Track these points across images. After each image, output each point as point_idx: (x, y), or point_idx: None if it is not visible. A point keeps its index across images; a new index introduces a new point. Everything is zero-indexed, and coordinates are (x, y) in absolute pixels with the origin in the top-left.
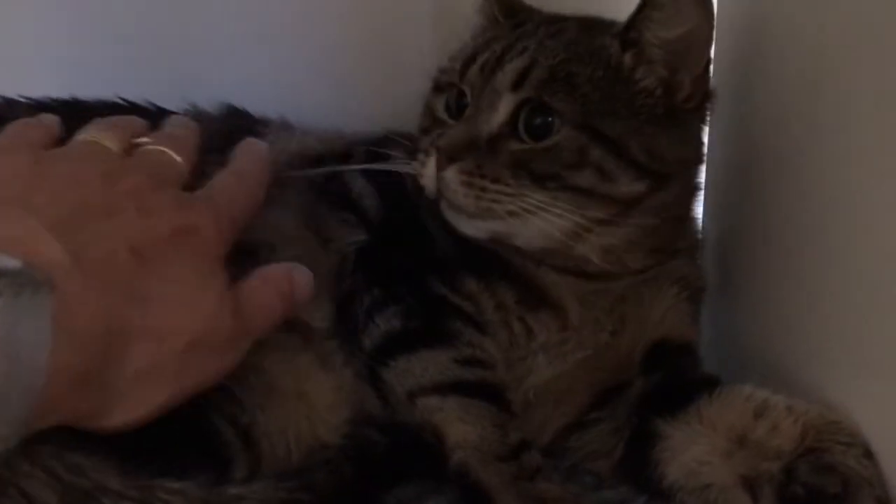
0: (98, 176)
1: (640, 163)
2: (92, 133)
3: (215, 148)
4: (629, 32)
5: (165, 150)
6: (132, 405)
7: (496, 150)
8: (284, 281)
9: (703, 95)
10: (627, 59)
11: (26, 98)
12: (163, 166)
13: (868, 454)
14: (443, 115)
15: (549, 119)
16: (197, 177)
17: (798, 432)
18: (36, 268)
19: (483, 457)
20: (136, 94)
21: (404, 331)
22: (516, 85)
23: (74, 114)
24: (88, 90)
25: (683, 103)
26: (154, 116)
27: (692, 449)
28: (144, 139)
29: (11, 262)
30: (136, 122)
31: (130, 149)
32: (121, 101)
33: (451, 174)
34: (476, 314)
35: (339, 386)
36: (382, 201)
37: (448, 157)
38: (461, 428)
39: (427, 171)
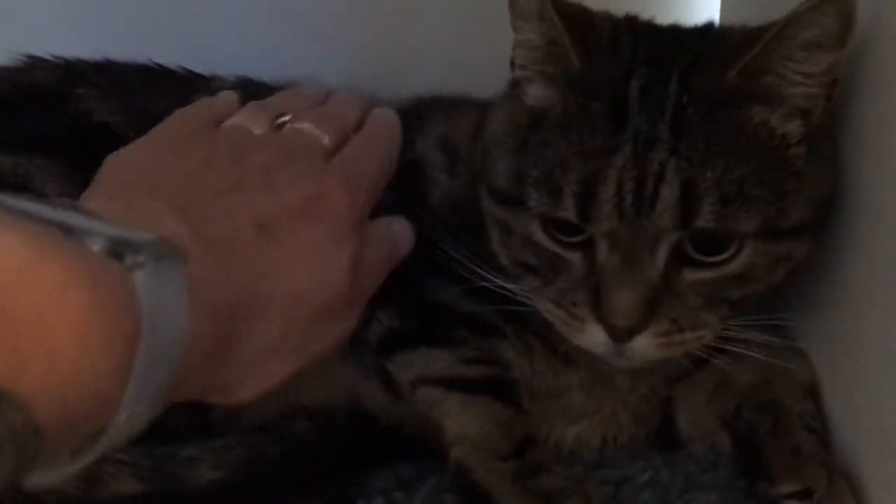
0: (228, 155)
1: (809, 224)
2: (242, 117)
3: None
4: (762, 78)
5: (309, 126)
6: (259, 378)
7: (676, 290)
8: (390, 241)
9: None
10: (775, 119)
11: (55, 57)
12: (301, 141)
13: (808, 393)
14: (551, 245)
15: (728, 234)
16: None
17: (756, 370)
18: (169, 241)
19: (482, 455)
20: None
21: (404, 330)
22: (681, 224)
23: (108, 77)
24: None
25: (818, 127)
26: (186, 81)
27: (690, 395)
28: (286, 117)
29: (147, 237)
30: (296, 99)
31: (275, 128)
32: (153, 66)
33: (644, 344)
34: (488, 319)
35: (327, 371)
36: (397, 199)
37: (630, 330)
38: (460, 423)
39: (590, 339)
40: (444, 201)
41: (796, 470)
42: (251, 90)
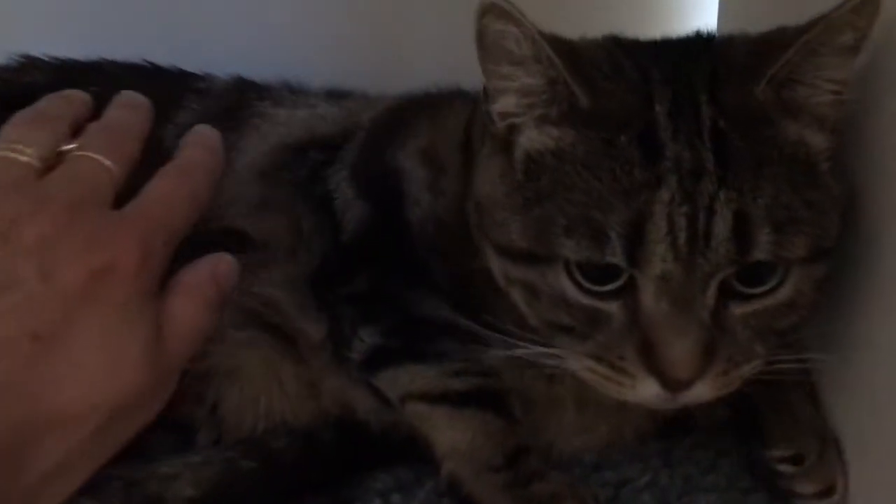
0: None
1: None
2: (11, 138)
3: (224, 126)
4: (795, 88)
5: (94, 156)
6: (57, 491)
7: (726, 327)
8: (209, 286)
9: None
10: (809, 134)
11: (50, 57)
12: (86, 182)
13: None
14: (585, 299)
15: (774, 264)
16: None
17: None
18: None
19: (474, 467)
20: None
21: (387, 348)
22: (737, 259)
23: (100, 77)
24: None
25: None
26: (179, 80)
27: None
28: (70, 146)
29: None
30: (68, 108)
31: (54, 159)
32: (147, 65)
33: (702, 389)
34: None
35: (312, 382)
36: (374, 214)
37: (690, 381)
38: (450, 436)
39: (642, 392)
40: (427, 221)
41: (791, 436)
42: (244, 90)
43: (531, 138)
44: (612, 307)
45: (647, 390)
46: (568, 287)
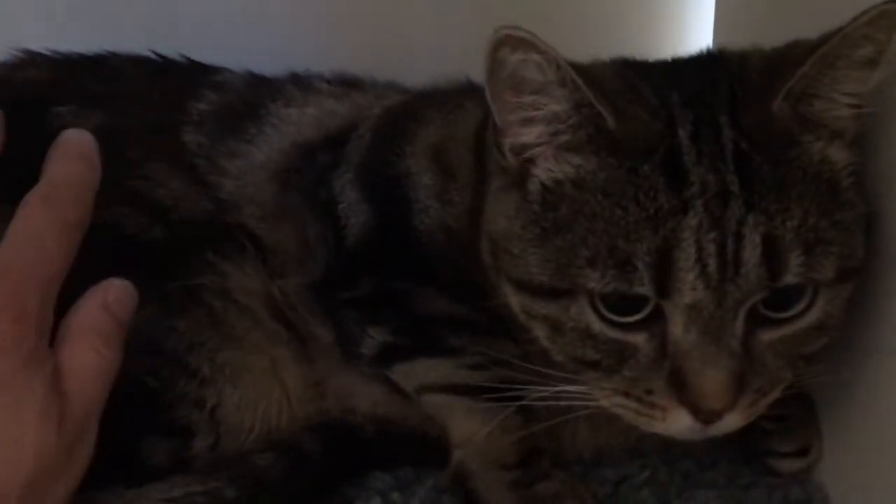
0: None
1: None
2: None
3: (237, 127)
4: (812, 103)
5: None
6: None
7: (755, 355)
8: (102, 320)
9: None
10: (832, 151)
11: (51, 51)
12: None
13: None
14: (611, 332)
15: (803, 286)
16: None
17: None
18: None
19: (485, 462)
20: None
21: (397, 345)
22: (768, 284)
23: (105, 73)
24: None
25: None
26: (191, 74)
27: None
28: None
29: None
30: None
31: None
32: (155, 57)
33: (734, 419)
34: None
35: (317, 382)
36: (376, 220)
37: (722, 411)
38: (467, 427)
39: (674, 425)
40: (436, 230)
41: (795, 432)
42: (257, 85)
43: (548, 168)
44: (639, 339)
45: (678, 422)
46: (593, 321)
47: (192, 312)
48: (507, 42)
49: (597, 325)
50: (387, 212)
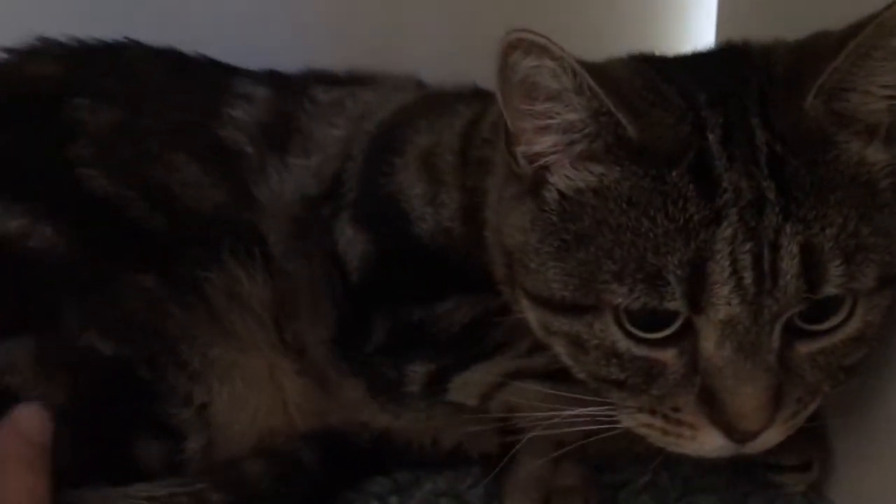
0: None
1: None
2: None
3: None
4: (844, 99)
5: None
6: None
7: (793, 368)
8: (23, 448)
9: None
10: (870, 151)
11: (68, 38)
12: None
13: None
14: (637, 349)
15: (841, 298)
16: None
17: None
18: None
19: (541, 448)
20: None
21: (441, 367)
22: (804, 299)
23: (121, 70)
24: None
25: None
26: (215, 77)
27: None
28: None
29: None
30: None
31: None
32: (176, 55)
33: (772, 436)
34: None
35: (313, 396)
36: (377, 245)
37: (758, 432)
38: (535, 413)
39: (706, 446)
40: (436, 233)
41: (798, 446)
42: (278, 83)
43: (567, 177)
44: (668, 356)
45: (710, 442)
46: (619, 338)
47: (191, 303)
48: (520, 46)
49: (623, 343)
50: (384, 231)
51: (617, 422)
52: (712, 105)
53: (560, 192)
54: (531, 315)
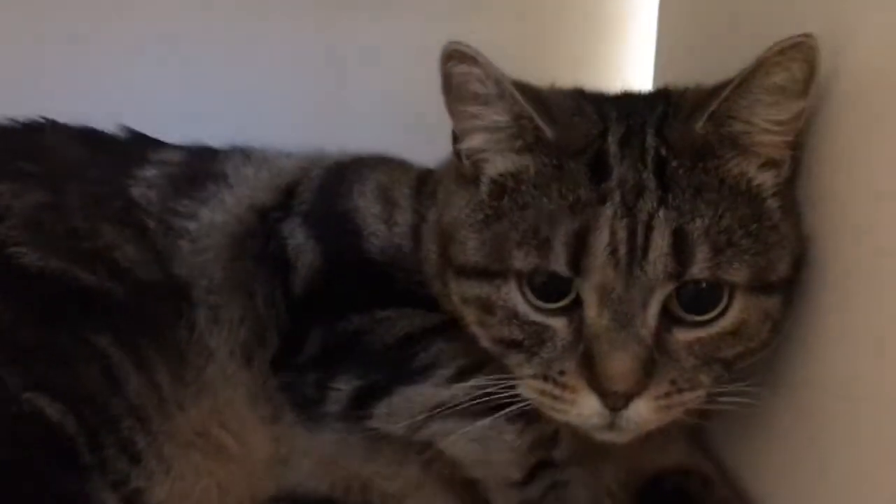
0: None
1: (792, 281)
2: None
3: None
4: (732, 125)
5: None
6: None
7: (670, 351)
8: None
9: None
10: (752, 170)
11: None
12: None
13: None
14: (534, 314)
15: (718, 288)
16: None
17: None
18: None
19: (495, 483)
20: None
21: (368, 385)
22: (675, 275)
23: (36, 151)
24: None
25: (788, 182)
26: (129, 150)
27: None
28: None
29: None
30: None
31: None
32: (92, 132)
33: (643, 408)
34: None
35: (279, 440)
36: (325, 256)
37: (628, 395)
38: (470, 449)
39: (585, 410)
40: (387, 248)
41: None
42: (199, 156)
43: (497, 164)
44: (559, 323)
45: (587, 407)
46: (519, 302)
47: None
48: (454, 55)
49: (522, 307)
50: (336, 244)
51: (517, 396)
52: (619, 119)
53: (490, 178)
54: (454, 288)
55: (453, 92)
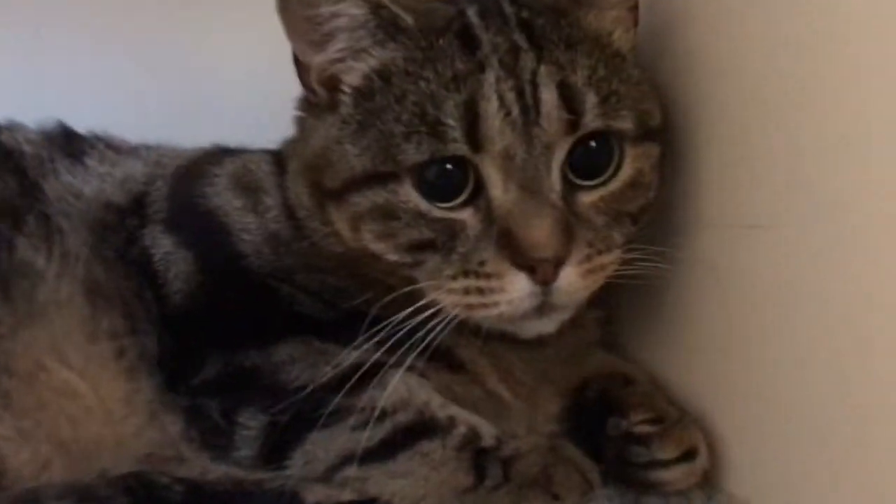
0: None
1: (664, 131)
2: None
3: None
4: None
5: None
6: None
7: (580, 213)
8: None
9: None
10: (607, 25)
11: None
12: None
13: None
14: (438, 211)
15: (609, 145)
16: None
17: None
18: None
19: (454, 499)
20: None
21: (276, 423)
22: (571, 126)
23: None
24: None
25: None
26: None
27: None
28: None
29: None
30: None
31: None
32: None
33: (571, 276)
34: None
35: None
36: (199, 264)
37: (556, 263)
38: (399, 486)
39: (515, 293)
40: (262, 244)
41: (647, 403)
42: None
43: (359, 67)
44: (466, 215)
45: (517, 288)
46: (420, 201)
47: None
48: None
49: (424, 205)
50: (206, 249)
51: (443, 313)
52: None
53: (352, 87)
54: (341, 213)
55: (297, 6)
